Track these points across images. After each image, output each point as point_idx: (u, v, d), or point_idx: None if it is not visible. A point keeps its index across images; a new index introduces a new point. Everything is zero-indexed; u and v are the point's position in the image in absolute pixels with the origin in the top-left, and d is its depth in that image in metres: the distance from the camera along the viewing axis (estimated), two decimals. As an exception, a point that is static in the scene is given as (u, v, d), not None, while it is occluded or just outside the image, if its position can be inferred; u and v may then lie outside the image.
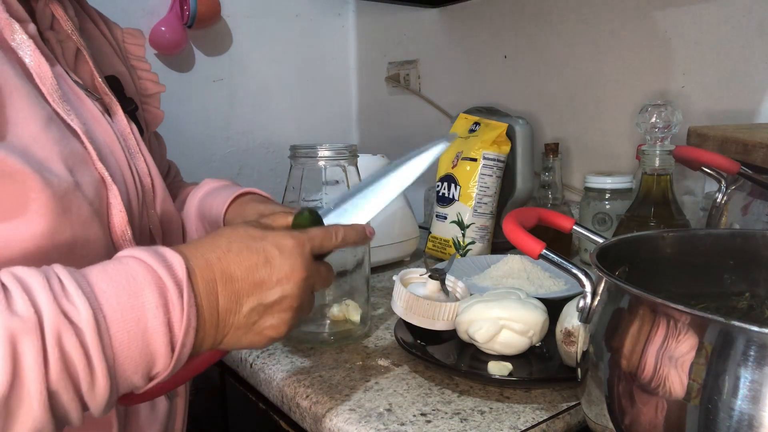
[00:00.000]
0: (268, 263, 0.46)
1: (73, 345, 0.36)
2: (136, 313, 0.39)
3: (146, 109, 0.72)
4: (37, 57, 0.50)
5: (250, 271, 0.45)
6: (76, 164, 0.49)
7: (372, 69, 1.62)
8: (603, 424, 0.42)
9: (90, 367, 0.37)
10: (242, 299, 0.45)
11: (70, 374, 0.36)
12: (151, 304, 0.40)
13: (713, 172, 0.69)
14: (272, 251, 0.47)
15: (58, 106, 0.50)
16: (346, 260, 0.74)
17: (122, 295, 0.39)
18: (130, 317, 0.39)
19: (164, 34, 1.29)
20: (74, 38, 0.59)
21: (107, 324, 0.38)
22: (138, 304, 0.39)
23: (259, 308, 0.46)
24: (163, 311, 0.40)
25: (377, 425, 0.55)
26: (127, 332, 0.39)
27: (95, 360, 0.37)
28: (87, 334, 0.37)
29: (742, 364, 0.33)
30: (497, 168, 1.05)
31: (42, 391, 0.35)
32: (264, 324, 0.47)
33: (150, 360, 0.40)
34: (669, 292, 0.52)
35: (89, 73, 0.59)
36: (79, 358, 0.36)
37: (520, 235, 0.50)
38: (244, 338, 0.46)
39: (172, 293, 0.40)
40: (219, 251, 0.45)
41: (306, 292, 0.49)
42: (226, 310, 0.44)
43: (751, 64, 0.90)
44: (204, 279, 0.43)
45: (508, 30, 1.26)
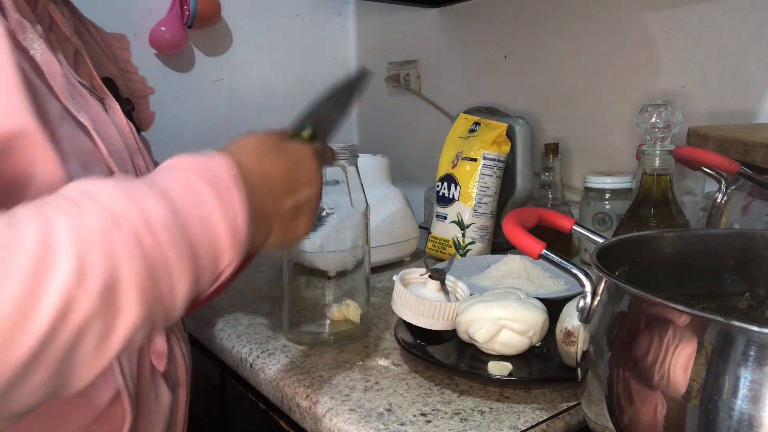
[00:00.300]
0: (297, 167, 0.49)
1: (159, 237, 0.36)
2: (199, 209, 0.39)
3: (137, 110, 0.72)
4: (47, 55, 0.50)
5: (284, 173, 0.48)
6: (87, 160, 0.50)
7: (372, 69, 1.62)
8: (603, 424, 0.42)
9: (179, 253, 0.37)
10: (282, 197, 0.47)
11: (158, 267, 0.36)
12: (210, 198, 0.40)
13: (713, 172, 0.69)
14: (298, 156, 0.50)
15: (69, 103, 0.50)
16: (346, 260, 0.74)
17: (184, 193, 0.39)
18: (195, 210, 0.39)
19: (164, 34, 1.29)
20: (73, 40, 0.59)
21: (180, 217, 0.38)
22: (198, 201, 0.39)
23: (295, 207, 0.49)
24: (220, 203, 0.40)
25: (377, 425, 0.55)
26: (197, 224, 0.39)
27: (182, 248, 0.37)
28: (171, 224, 0.37)
29: (742, 364, 0.33)
30: (497, 168, 1.05)
31: (137, 286, 0.34)
32: (297, 223, 0.49)
33: (216, 254, 0.40)
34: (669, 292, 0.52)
35: (88, 74, 0.60)
36: (170, 247, 0.36)
37: (520, 235, 0.50)
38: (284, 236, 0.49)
39: (225, 188, 0.41)
40: (254, 155, 0.47)
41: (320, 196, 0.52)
42: (270, 207, 0.46)
43: (751, 64, 0.90)
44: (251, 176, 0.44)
45: (508, 30, 1.26)
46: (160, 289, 0.36)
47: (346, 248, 0.73)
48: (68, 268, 0.31)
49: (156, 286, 0.36)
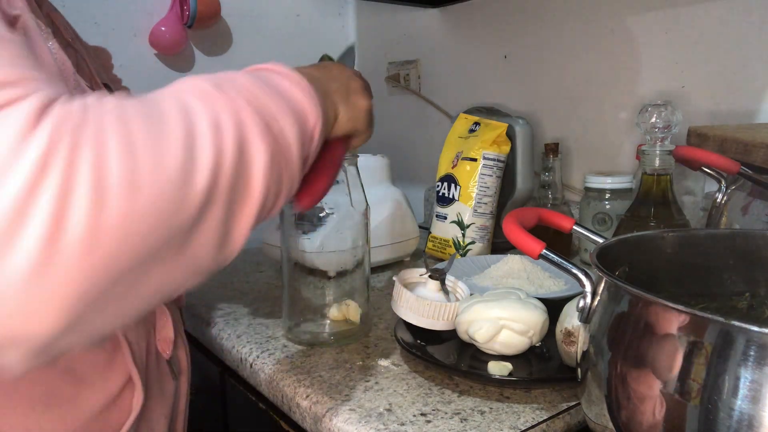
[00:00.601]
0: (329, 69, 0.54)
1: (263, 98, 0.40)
2: (267, 82, 0.42)
3: None
4: (61, 55, 0.51)
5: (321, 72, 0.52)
6: None
7: (372, 69, 1.62)
8: (603, 424, 0.42)
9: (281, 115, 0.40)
10: (327, 82, 0.51)
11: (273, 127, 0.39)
12: (270, 76, 0.44)
13: (713, 172, 0.69)
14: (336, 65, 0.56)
15: None
16: (346, 260, 0.74)
17: (256, 71, 0.44)
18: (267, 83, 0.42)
19: (164, 34, 1.29)
20: (75, 46, 0.61)
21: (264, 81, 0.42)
22: (261, 78, 0.42)
23: (343, 87, 0.53)
24: (283, 77, 0.44)
25: (377, 425, 0.55)
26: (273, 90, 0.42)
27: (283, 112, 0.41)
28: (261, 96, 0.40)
29: (742, 364, 0.33)
30: (497, 168, 1.05)
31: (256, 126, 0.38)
32: (354, 98, 0.53)
33: (301, 115, 0.43)
34: (669, 292, 0.52)
35: (90, 77, 0.61)
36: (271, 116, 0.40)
37: (520, 235, 0.50)
38: (349, 111, 0.52)
39: (277, 69, 0.45)
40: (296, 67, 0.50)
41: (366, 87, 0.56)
42: (323, 86, 0.49)
43: (751, 64, 0.90)
44: (299, 71, 0.47)
45: (508, 30, 1.26)
46: (273, 130, 0.39)
47: (346, 248, 0.73)
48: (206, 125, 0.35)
49: (269, 128, 0.39)
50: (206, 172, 0.33)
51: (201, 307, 0.87)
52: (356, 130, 0.54)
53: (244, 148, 0.36)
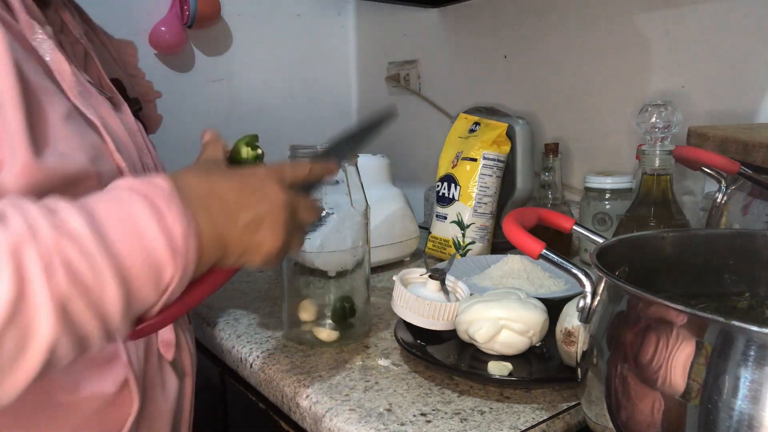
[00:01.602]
0: (248, 185, 0.48)
1: (74, 251, 0.36)
2: (129, 222, 0.39)
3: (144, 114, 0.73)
4: (56, 55, 0.51)
5: (234, 191, 0.47)
6: (96, 155, 0.50)
7: (372, 69, 1.62)
8: (603, 424, 0.42)
9: (97, 271, 0.37)
10: (234, 214, 0.46)
11: (78, 280, 0.36)
12: (142, 213, 0.40)
13: (713, 172, 0.69)
14: (250, 177, 0.49)
15: (78, 100, 0.51)
16: (346, 260, 0.74)
17: (112, 209, 0.40)
18: (124, 225, 0.39)
19: (164, 34, 1.29)
20: (83, 42, 0.61)
21: (104, 231, 0.38)
22: (129, 216, 0.40)
23: (253, 221, 0.47)
24: (156, 217, 0.40)
25: (377, 425, 0.55)
26: (126, 238, 0.39)
27: (100, 263, 0.37)
28: (86, 240, 0.37)
29: (742, 364, 0.33)
30: (497, 168, 1.05)
31: (51, 299, 0.35)
32: (259, 238, 0.48)
33: (155, 266, 0.40)
34: (669, 292, 0.52)
35: (97, 74, 0.61)
36: (83, 263, 0.36)
37: (520, 235, 0.50)
38: (245, 253, 0.48)
39: (161, 203, 0.41)
40: (201, 175, 0.47)
41: (290, 213, 0.50)
42: (222, 222, 0.45)
43: (751, 64, 0.90)
44: (193, 194, 0.44)
45: (508, 30, 1.26)
46: (82, 301, 0.36)
47: (346, 248, 0.73)
48: None
49: (76, 298, 0.36)
50: None
51: (201, 307, 0.87)
52: (248, 264, 0.49)
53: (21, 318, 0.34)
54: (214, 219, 0.45)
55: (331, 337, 0.72)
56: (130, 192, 0.41)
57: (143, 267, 0.39)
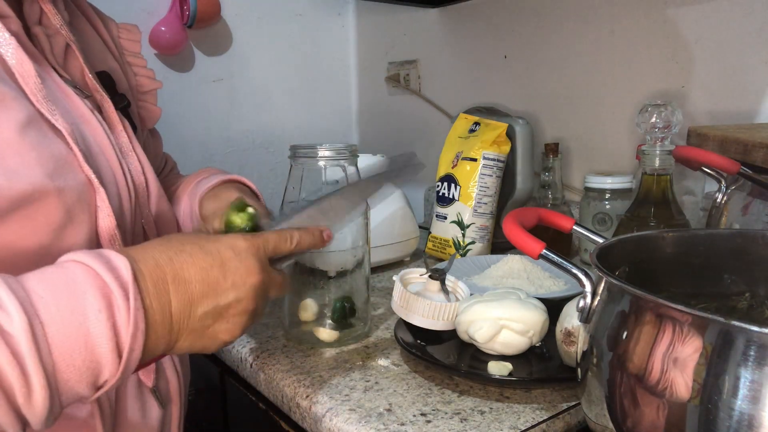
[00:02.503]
0: (222, 265, 0.45)
1: (4, 354, 0.34)
2: (77, 318, 0.37)
3: (142, 106, 0.70)
4: (19, 55, 0.48)
5: (203, 272, 0.44)
6: (58, 167, 0.47)
7: (372, 69, 1.62)
8: (603, 424, 0.42)
9: (25, 377, 0.35)
10: (196, 302, 0.44)
11: (1, 386, 0.35)
12: (93, 308, 0.38)
13: (713, 172, 0.69)
14: (227, 253, 0.46)
15: (42, 106, 0.48)
16: (346, 260, 0.74)
17: (62, 300, 0.37)
18: (71, 322, 0.37)
19: (164, 34, 1.29)
20: (63, 33, 0.57)
21: (45, 331, 0.36)
22: (79, 309, 0.37)
23: (214, 312, 0.45)
24: (107, 315, 0.38)
25: (377, 425, 0.55)
26: (68, 339, 0.37)
27: (31, 369, 0.35)
28: (21, 342, 0.35)
29: (742, 364, 0.33)
30: (497, 168, 1.05)
31: None
32: (218, 328, 0.46)
33: (95, 367, 0.38)
34: (669, 292, 0.52)
35: (79, 69, 0.58)
36: (12, 368, 0.35)
37: (520, 235, 0.50)
38: (197, 342, 0.45)
39: (116, 296, 0.39)
40: (170, 252, 0.44)
41: (261, 296, 0.48)
42: (179, 312, 0.43)
43: (751, 64, 0.90)
44: (153, 280, 0.42)
45: (508, 30, 1.26)
46: (3, 406, 0.35)
47: (346, 248, 0.73)
48: None
49: (1, 404, 0.35)
50: None
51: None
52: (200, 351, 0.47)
53: None
54: (172, 311, 0.42)
55: (331, 337, 0.72)
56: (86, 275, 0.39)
57: (81, 367, 0.38)
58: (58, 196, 0.46)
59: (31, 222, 0.45)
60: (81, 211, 0.48)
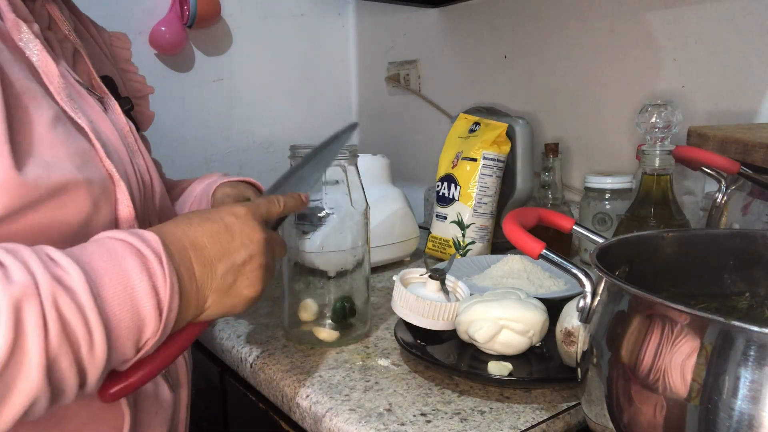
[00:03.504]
0: (228, 229, 0.49)
1: (70, 307, 0.37)
2: (122, 279, 0.40)
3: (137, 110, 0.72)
4: (44, 56, 0.50)
5: (214, 237, 0.48)
6: (84, 162, 0.49)
7: (372, 69, 1.62)
8: (603, 424, 0.42)
9: (88, 329, 0.38)
10: (215, 264, 0.48)
11: (69, 337, 0.37)
12: (134, 270, 0.41)
13: (713, 172, 0.69)
14: (229, 218, 0.50)
15: (66, 104, 0.50)
16: (346, 260, 0.74)
17: (107, 264, 0.41)
18: (118, 282, 0.40)
19: (164, 34, 1.29)
20: (71, 39, 0.59)
21: (98, 288, 0.39)
22: (123, 272, 0.41)
23: (232, 270, 0.49)
24: (147, 276, 0.41)
25: (377, 425, 0.55)
26: (118, 296, 0.40)
27: (92, 321, 0.38)
28: (82, 296, 0.38)
29: (742, 364, 0.33)
30: (497, 168, 1.05)
31: (42, 355, 0.36)
32: (240, 284, 0.49)
33: (140, 325, 0.41)
34: (669, 292, 0.52)
35: (87, 73, 0.60)
36: (77, 320, 0.37)
37: (520, 235, 0.50)
38: (225, 301, 0.49)
39: (152, 261, 0.42)
40: (182, 225, 0.48)
41: (269, 251, 0.52)
42: (202, 275, 0.47)
43: (751, 64, 0.90)
44: (177, 249, 0.45)
45: (508, 30, 1.26)
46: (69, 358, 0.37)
47: (346, 248, 0.73)
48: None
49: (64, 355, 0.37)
50: None
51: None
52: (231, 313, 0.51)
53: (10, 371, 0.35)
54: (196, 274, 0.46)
55: (331, 337, 0.72)
56: (123, 246, 0.42)
57: (129, 324, 0.40)
58: (87, 188, 0.49)
59: (63, 211, 0.47)
60: (104, 202, 0.51)
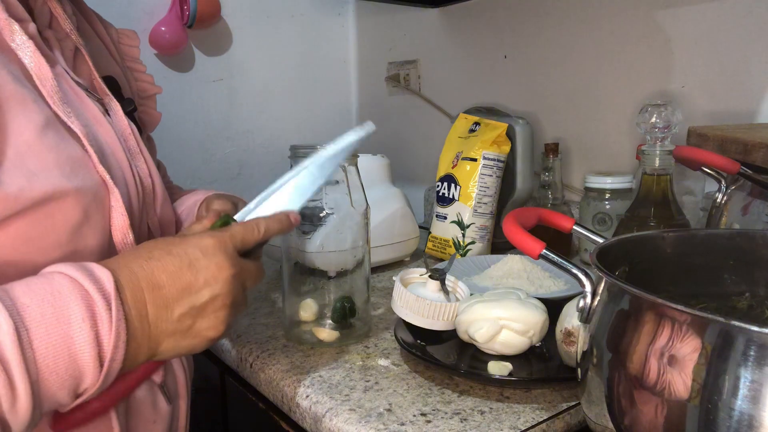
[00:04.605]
0: (191, 266, 0.46)
1: None
2: (61, 327, 0.38)
3: (143, 111, 0.71)
4: (37, 58, 0.49)
5: (174, 276, 0.45)
6: (74, 169, 0.48)
7: (372, 69, 1.62)
8: (603, 424, 0.42)
9: (11, 384, 0.36)
10: (171, 305, 0.44)
11: None
12: (77, 317, 0.39)
13: (713, 172, 0.69)
14: (194, 253, 0.46)
15: (59, 108, 0.49)
16: (346, 260, 0.74)
17: (47, 310, 0.38)
18: (55, 331, 0.38)
19: (164, 34, 1.29)
20: (73, 37, 0.58)
21: (30, 338, 0.37)
22: (63, 318, 0.38)
23: (192, 312, 0.45)
24: (90, 324, 0.39)
25: (377, 425, 0.55)
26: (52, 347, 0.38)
27: (16, 376, 0.36)
28: (7, 349, 0.36)
29: (742, 364, 0.33)
30: (497, 168, 1.05)
31: None
32: (200, 326, 0.46)
33: (77, 375, 0.39)
34: (669, 292, 0.52)
35: (88, 73, 0.59)
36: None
37: (520, 235, 0.50)
38: (182, 343, 0.46)
39: (99, 306, 0.40)
40: (140, 260, 0.45)
41: (237, 288, 0.48)
42: (156, 318, 0.44)
43: (751, 64, 0.90)
44: (131, 289, 0.43)
45: (508, 30, 1.26)
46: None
47: (346, 248, 0.73)
48: None
49: None
50: None
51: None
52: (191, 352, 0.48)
53: None
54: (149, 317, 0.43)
55: (331, 337, 0.72)
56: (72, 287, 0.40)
57: (64, 374, 0.38)
58: (76, 197, 0.47)
59: (51, 220, 0.46)
60: (96, 211, 0.49)
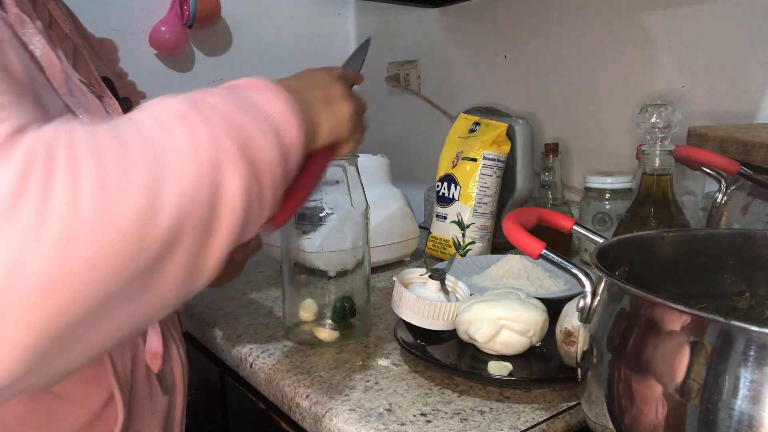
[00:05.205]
0: (316, 74, 0.52)
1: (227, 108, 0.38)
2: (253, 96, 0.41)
3: None
4: (47, 51, 0.50)
5: (303, 80, 0.50)
6: None
7: (372, 69, 1.62)
8: (603, 424, 0.42)
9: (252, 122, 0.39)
10: (310, 91, 0.49)
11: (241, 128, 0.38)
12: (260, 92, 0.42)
13: (713, 172, 0.69)
14: (315, 71, 0.53)
15: (68, 99, 0.50)
16: (346, 260, 0.74)
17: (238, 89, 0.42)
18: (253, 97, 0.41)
19: (164, 34, 1.29)
20: (72, 38, 0.59)
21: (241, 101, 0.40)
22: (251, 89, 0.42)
23: (326, 97, 0.50)
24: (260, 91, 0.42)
25: (377, 425, 0.55)
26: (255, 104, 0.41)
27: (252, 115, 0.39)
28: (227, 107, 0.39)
29: (742, 364, 0.33)
30: (497, 168, 1.05)
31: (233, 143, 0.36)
32: (336, 108, 0.50)
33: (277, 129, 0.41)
34: (669, 292, 0.52)
35: (87, 72, 0.60)
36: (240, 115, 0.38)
37: (520, 235, 0.50)
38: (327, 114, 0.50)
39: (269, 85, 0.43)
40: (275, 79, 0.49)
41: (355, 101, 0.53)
42: (307, 89, 0.49)
43: (751, 64, 0.90)
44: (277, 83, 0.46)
45: (508, 30, 1.26)
46: (249, 154, 0.37)
47: (346, 248, 0.73)
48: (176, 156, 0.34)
49: (245, 152, 0.37)
50: (172, 209, 0.32)
51: (201, 307, 0.87)
52: (339, 138, 0.51)
53: (217, 179, 0.34)
54: (296, 93, 0.46)
55: (331, 337, 0.72)
56: (220, 88, 0.43)
57: (272, 133, 0.40)
58: None
59: None
60: None
